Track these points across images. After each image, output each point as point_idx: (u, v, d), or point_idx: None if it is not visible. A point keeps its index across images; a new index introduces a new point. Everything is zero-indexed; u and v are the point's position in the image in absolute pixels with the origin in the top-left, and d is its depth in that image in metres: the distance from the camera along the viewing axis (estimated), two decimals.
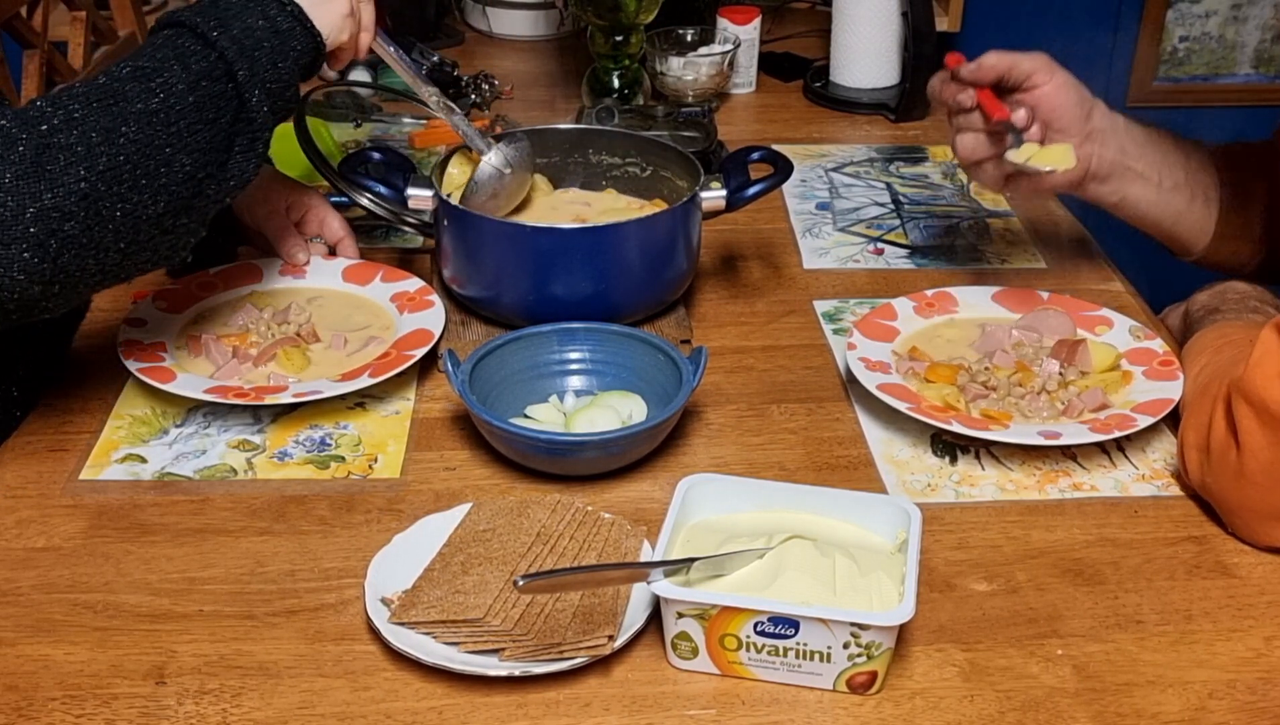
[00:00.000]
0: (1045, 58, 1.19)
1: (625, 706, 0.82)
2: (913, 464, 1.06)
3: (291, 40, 1.05)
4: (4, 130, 0.91)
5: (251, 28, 1.03)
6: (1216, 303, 1.19)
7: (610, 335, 1.13)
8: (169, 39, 1.01)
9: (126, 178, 0.94)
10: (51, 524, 0.98)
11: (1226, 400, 0.94)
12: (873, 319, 1.21)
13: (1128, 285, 1.35)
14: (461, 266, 1.23)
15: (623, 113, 1.58)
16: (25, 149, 0.90)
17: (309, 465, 1.05)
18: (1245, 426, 0.92)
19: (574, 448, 1.02)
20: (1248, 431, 0.92)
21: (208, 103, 0.99)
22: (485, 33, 2.18)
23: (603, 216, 1.28)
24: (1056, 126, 1.20)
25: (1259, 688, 0.84)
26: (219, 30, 1.01)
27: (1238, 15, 2.86)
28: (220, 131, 1.00)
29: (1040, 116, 1.19)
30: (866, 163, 1.67)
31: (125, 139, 0.94)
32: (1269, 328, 0.92)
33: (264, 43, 1.03)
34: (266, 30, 1.03)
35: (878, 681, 0.82)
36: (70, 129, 0.93)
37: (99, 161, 0.92)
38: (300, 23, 1.06)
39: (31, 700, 0.82)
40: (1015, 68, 1.18)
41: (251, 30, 1.03)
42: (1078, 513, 1.01)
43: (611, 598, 0.87)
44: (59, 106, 0.94)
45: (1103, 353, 1.16)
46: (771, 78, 1.97)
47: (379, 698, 0.82)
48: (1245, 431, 0.92)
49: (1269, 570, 0.94)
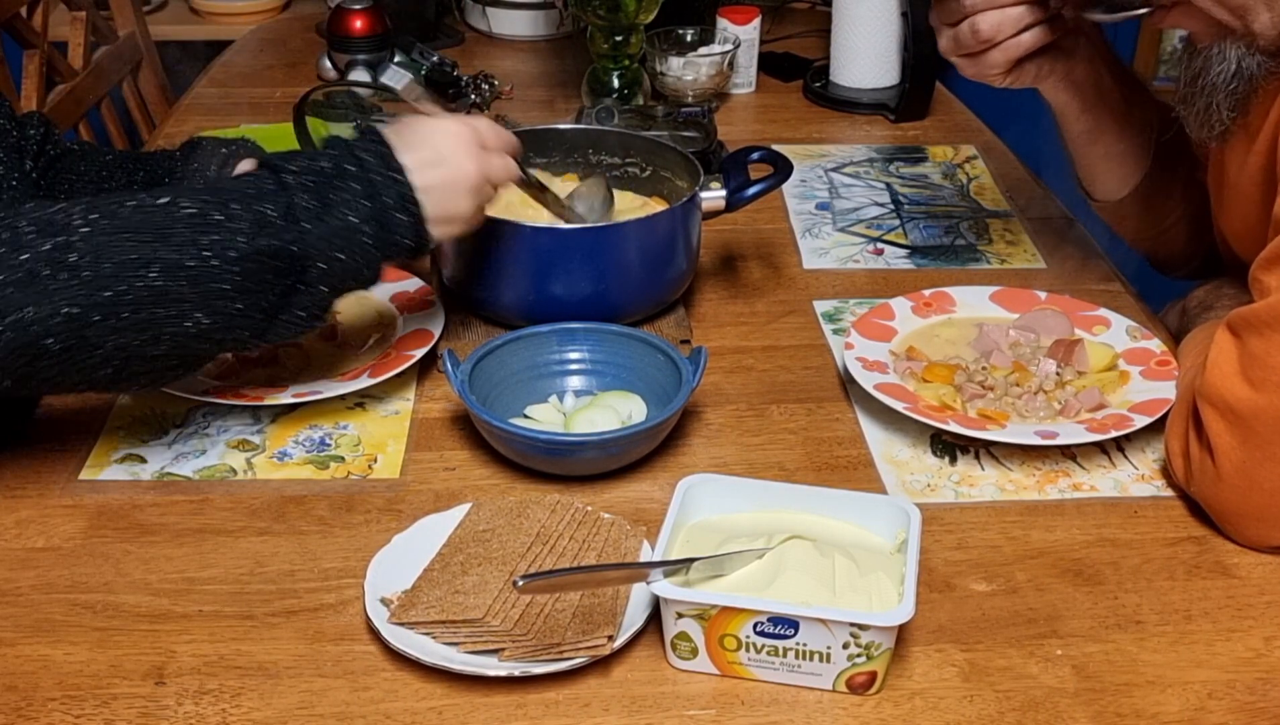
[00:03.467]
0: None
1: (625, 707, 0.82)
2: (912, 464, 1.06)
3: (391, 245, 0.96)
4: (20, 233, 0.86)
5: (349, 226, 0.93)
6: (1212, 300, 1.19)
7: (610, 335, 1.13)
8: (252, 193, 0.92)
9: (127, 316, 0.88)
10: (51, 524, 0.98)
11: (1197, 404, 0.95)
12: (870, 319, 1.21)
13: (1127, 285, 1.35)
14: (461, 266, 1.23)
15: (623, 113, 1.58)
16: (30, 257, 0.85)
17: (308, 465, 1.05)
18: (1213, 429, 0.92)
19: (574, 448, 1.02)
20: (1216, 433, 0.92)
21: (256, 281, 0.91)
22: (485, 33, 2.18)
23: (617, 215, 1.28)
24: None
25: (1259, 688, 0.84)
26: (311, 219, 0.92)
27: None
28: (258, 309, 0.93)
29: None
30: (866, 163, 1.67)
31: (142, 282, 0.87)
32: (1222, 328, 0.91)
33: (358, 240, 0.94)
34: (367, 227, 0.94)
35: (877, 682, 0.83)
36: (87, 249, 0.86)
37: (102, 293, 0.86)
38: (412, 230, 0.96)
39: (31, 700, 0.82)
40: None
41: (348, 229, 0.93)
42: (1077, 513, 1.01)
43: (611, 598, 0.87)
44: (88, 219, 0.88)
45: (1100, 352, 1.16)
46: (771, 78, 1.97)
47: (378, 698, 0.82)
48: (1214, 433, 0.92)
49: (1268, 570, 0.94)
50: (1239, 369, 0.90)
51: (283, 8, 2.40)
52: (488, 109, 1.81)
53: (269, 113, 1.78)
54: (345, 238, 0.94)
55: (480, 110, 1.80)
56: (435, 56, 1.88)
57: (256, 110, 1.81)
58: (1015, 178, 1.62)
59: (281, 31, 2.25)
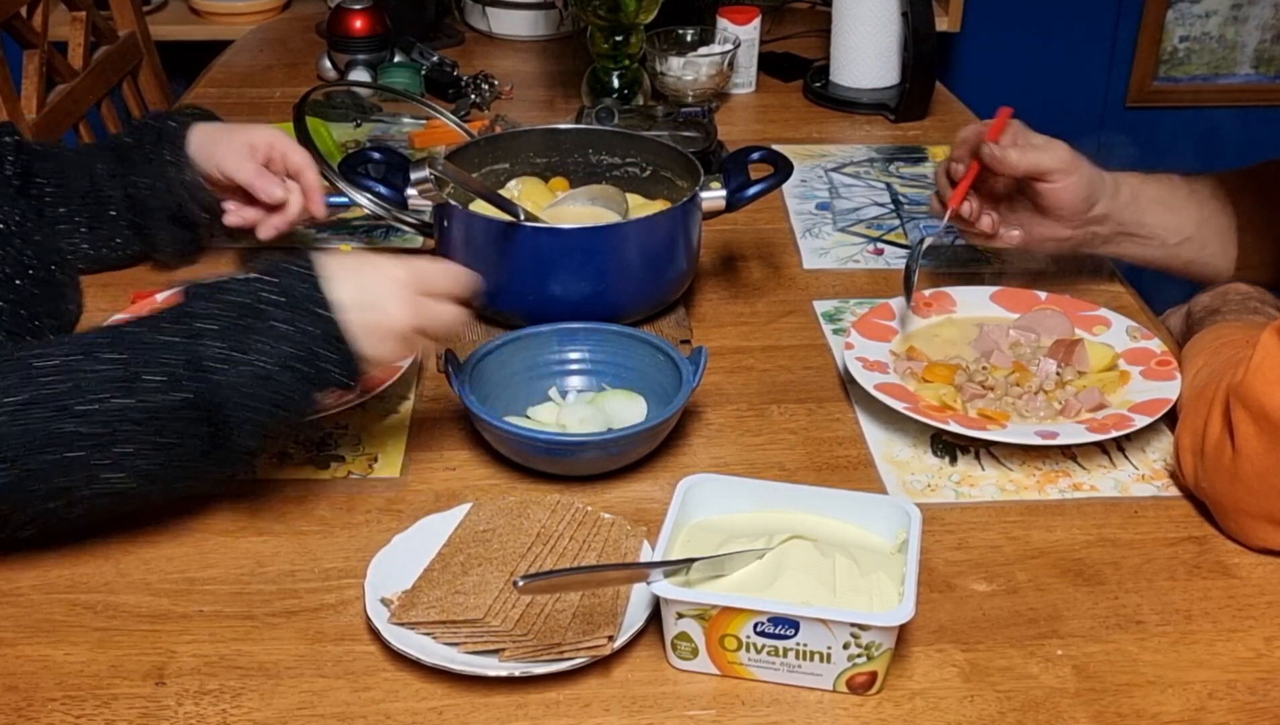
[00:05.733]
0: (1066, 154, 1.21)
1: (625, 707, 0.82)
2: (912, 464, 1.06)
3: (320, 382, 0.91)
4: None
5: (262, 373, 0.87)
6: (1217, 303, 1.19)
7: (610, 335, 1.13)
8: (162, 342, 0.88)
9: (57, 471, 0.85)
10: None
11: (1224, 403, 0.94)
12: (870, 319, 1.21)
13: (1128, 286, 1.35)
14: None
15: (623, 113, 1.58)
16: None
17: (309, 465, 1.05)
18: (1242, 431, 0.92)
19: (574, 448, 1.02)
20: (1244, 436, 0.92)
21: (173, 434, 0.87)
22: (485, 33, 2.18)
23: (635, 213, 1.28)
24: (1055, 216, 1.23)
25: (1259, 688, 0.84)
26: (225, 363, 0.87)
27: (1238, 15, 2.86)
28: (184, 457, 0.89)
29: (1045, 205, 1.22)
30: (866, 163, 1.67)
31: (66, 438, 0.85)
32: (1269, 332, 0.91)
33: (277, 380, 0.88)
34: (290, 361, 0.88)
35: (878, 682, 0.82)
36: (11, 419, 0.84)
37: (29, 461, 0.84)
38: (343, 366, 0.91)
39: (31, 700, 0.82)
40: (1034, 167, 1.20)
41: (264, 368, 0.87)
42: (1078, 513, 1.01)
43: (611, 598, 0.87)
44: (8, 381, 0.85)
45: (1100, 352, 1.16)
46: (771, 78, 1.97)
47: (379, 698, 0.82)
48: (1242, 436, 0.92)
49: (1269, 570, 0.94)
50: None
51: (283, 8, 2.39)
52: (488, 109, 1.81)
53: (269, 113, 1.78)
54: (260, 381, 0.88)
55: (480, 110, 1.80)
56: (435, 56, 1.88)
57: (256, 110, 1.81)
58: None
59: (281, 31, 2.25)
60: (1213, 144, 2.82)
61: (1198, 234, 1.28)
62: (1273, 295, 1.20)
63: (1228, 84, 2.89)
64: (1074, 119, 2.85)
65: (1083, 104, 2.86)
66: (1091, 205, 1.22)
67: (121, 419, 0.86)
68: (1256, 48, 2.86)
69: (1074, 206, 1.22)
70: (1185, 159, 1.36)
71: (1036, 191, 1.22)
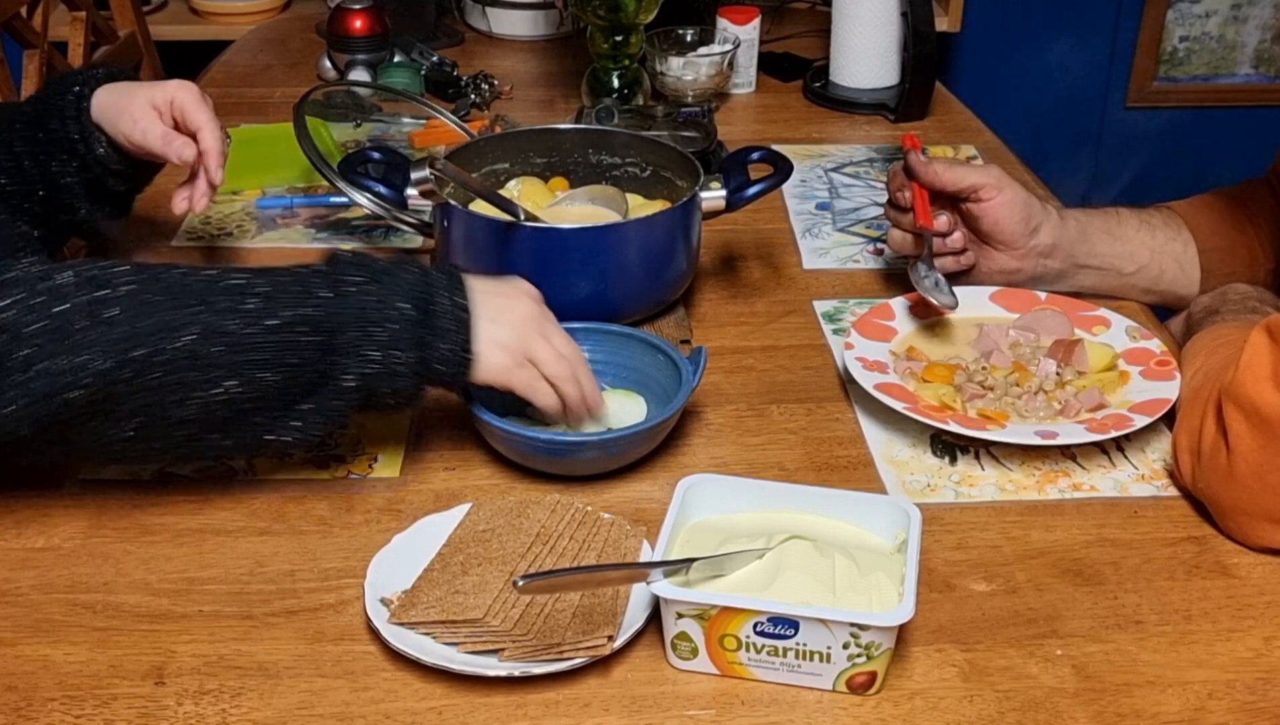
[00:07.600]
0: (997, 172, 1.23)
1: (625, 707, 0.82)
2: (912, 464, 1.06)
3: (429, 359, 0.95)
4: (61, 287, 0.86)
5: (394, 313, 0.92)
6: (1217, 304, 1.19)
7: (610, 335, 1.13)
8: (303, 271, 0.94)
9: (157, 377, 0.87)
10: (51, 524, 0.98)
11: (1217, 403, 0.94)
12: (870, 319, 1.21)
13: None
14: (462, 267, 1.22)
15: (623, 113, 1.58)
16: (68, 308, 0.85)
17: (308, 465, 1.05)
18: (1235, 429, 0.92)
19: (574, 448, 1.02)
20: (1238, 434, 0.92)
21: (292, 352, 0.91)
22: (485, 33, 2.18)
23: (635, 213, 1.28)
24: (998, 240, 1.24)
25: (1258, 688, 0.84)
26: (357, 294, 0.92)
27: (1238, 15, 2.86)
28: (292, 385, 0.92)
29: (984, 228, 1.23)
30: (866, 163, 1.67)
31: (177, 343, 0.87)
32: (1258, 329, 0.92)
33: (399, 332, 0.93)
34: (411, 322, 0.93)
35: (877, 682, 0.83)
36: (128, 306, 0.86)
37: (135, 351, 0.86)
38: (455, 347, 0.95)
39: (31, 700, 0.82)
40: (962, 181, 1.22)
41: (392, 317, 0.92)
42: (1077, 513, 1.01)
43: (611, 598, 0.87)
44: (133, 278, 0.88)
45: (1099, 352, 1.17)
46: (771, 78, 1.97)
47: (378, 698, 0.82)
48: (1235, 434, 0.92)
49: (1268, 570, 0.94)
50: (1271, 374, 0.90)
51: (283, 8, 2.40)
52: (488, 109, 1.81)
53: (269, 113, 1.78)
54: (387, 321, 0.93)
55: (480, 110, 1.80)
56: (435, 56, 1.88)
57: (256, 110, 1.81)
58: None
59: (281, 31, 2.25)
60: (1213, 144, 2.82)
61: (1153, 261, 1.29)
62: (1272, 295, 1.20)
63: (1228, 84, 2.89)
64: (1074, 119, 2.86)
65: (1082, 104, 2.86)
66: (1032, 229, 1.23)
67: (253, 324, 0.89)
68: (1256, 48, 2.86)
69: (1013, 227, 1.22)
70: (1185, 159, 1.37)
71: (973, 214, 1.22)
